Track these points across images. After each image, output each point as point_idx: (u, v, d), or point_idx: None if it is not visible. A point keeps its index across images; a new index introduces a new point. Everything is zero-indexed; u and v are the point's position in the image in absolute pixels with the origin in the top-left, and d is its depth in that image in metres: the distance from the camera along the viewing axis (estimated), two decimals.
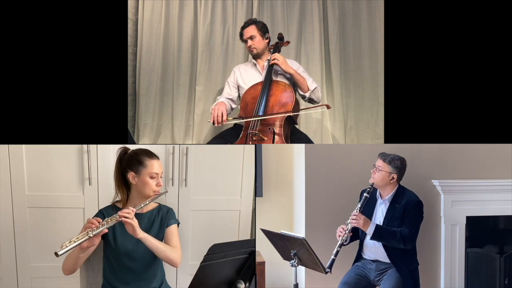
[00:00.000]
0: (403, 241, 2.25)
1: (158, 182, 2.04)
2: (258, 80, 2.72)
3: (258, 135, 2.50)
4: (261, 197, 2.89)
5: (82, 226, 2.47)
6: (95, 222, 1.83)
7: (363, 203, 2.32)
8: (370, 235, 2.26)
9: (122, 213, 1.87)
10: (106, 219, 1.87)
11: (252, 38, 2.73)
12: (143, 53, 3.29)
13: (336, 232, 2.28)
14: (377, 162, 2.37)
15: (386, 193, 2.39)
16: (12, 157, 2.49)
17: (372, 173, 2.38)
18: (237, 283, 1.93)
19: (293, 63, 2.79)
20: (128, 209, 1.89)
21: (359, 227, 2.26)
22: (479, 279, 2.77)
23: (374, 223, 2.29)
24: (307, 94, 2.69)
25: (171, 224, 2.10)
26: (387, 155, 2.37)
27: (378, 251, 2.36)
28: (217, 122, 2.55)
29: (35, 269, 2.59)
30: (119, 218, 1.87)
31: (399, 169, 2.36)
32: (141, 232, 1.91)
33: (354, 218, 2.25)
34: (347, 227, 2.26)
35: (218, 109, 2.58)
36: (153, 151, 2.10)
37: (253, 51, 2.76)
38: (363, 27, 3.26)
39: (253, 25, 2.75)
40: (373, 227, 2.25)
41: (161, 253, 1.97)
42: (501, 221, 2.88)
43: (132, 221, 1.87)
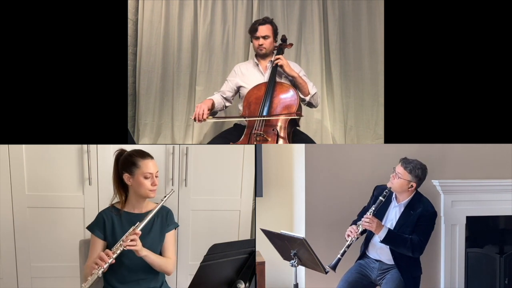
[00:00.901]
0: (412, 249, 2.23)
1: (153, 181, 2.03)
2: (259, 80, 2.71)
3: (262, 135, 2.49)
4: (261, 197, 2.89)
5: (82, 226, 2.47)
6: (105, 259, 1.85)
7: (377, 207, 2.27)
8: (381, 239, 2.23)
9: (127, 243, 1.90)
10: (113, 250, 1.89)
11: (266, 38, 2.69)
12: (143, 53, 3.29)
13: (346, 232, 2.25)
14: (397, 168, 2.31)
15: (402, 198, 2.35)
16: (12, 157, 2.49)
17: (392, 178, 2.32)
18: (237, 283, 1.93)
19: (295, 66, 2.78)
20: (133, 235, 1.91)
21: (371, 230, 2.23)
22: (479, 279, 2.77)
23: (386, 227, 2.24)
24: (307, 98, 2.69)
25: (170, 230, 2.12)
26: (409, 162, 2.30)
27: (383, 253, 2.35)
28: (198, 119, 2.52)
29: (35, 269, 2.59)
30: (126, 248, 1.90)
31: (419, 178, 2.30)
32: (144, 251, 1.95)
33: (367, 221, 2.20)
34: (358, 228, 2.23)
35: (201, 106, 2.54)
36: (153, 151, 2.10)
37: (262, 50, 2.72)
38: (363, 27, 3.26)
39: (270, 25, 2.70)
40: (385, 232, 2.21)
41: (157, 267, 2.04)
42: (501, 221, 2.88)
43: (136, 246, 1.91)
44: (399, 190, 2.32)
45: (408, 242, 2.22)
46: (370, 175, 2.62)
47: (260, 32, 2.70)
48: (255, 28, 2.71)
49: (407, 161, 2.31)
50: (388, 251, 2.32)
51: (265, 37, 2.70)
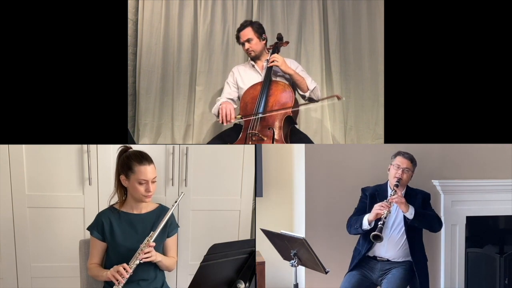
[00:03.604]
0: (438, 222, 2.37)
1: (148, 188, 1.99)
2: (257, 80, 2.72)
3: (257, 135, 2.50)
4: (261, 197, 2.89)
5: (82, 226, 2.47)
6: (124, 274, 1.89)
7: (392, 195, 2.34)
8: (412, 216, 2.29)
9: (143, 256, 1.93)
10: (130, 265, 1.92)
11: (249, 41, 2.70)
12: (143, 53, 3.29)
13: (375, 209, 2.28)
14: (404, 163, 2.39)
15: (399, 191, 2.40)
16: (12, 157, 2.49)
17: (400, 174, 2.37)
18: (237, 283, 1.93)
19: (292, 63, 2.78)
20: (148, 248, 1.94)
21: (401, 205, 2.29)
22: (479, 279, 2.77)
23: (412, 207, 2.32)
24: (306, 93, 2.69)
25: (173, 235, 2.13)
26: (407, 153, 2.41)
27: (391, 249, 2.39)
28: (226, 121, 2.54)
29: (35, 269, 2.59)
30: (142, 261, 1.94)
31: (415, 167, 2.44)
32: (158, 256, 1.99)
33: (397, 198, 2.29)
34: (388, 203, 2.28)
35: (227, 107, 2.56)
36: (153, 151, 2.10)
37: (251, 53, 2.74)
38: (363, 27, 3.26)
39: (249, 27, 2.71)
40: (413, 209, 2.30)
41: (164, 267, 2.11)
42: (501, 221, 2.88)
43: (152, 257, 1.96)
44: (407, 182, 2.43)
45: (434, 216, 2.36)
46: (370, 175, 2.62)
47: (242, 37, 2.73)
48: (237, 36, 2.76)
49: (405, 153, 2.42)
50: (398, 245, 2.37)
51: (248, 41, 2.71)
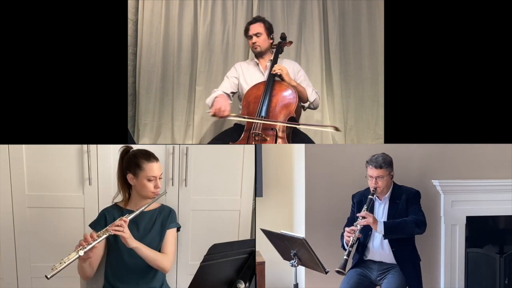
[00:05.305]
0: (416, 226, 2.28)
1: (156, 184, 2.03)
2: (260, 80, 2.71)
3: (261, 135, 2.49)
4: (261, 197, 2.89)
5: (82, 226, 2.48)
6: (88, 239, 1.83)
7: (369, 205, 2.31)
8: (382, 233, 2.26)
9: (114, 226, 1.88)
10: (99, 233, 1.87)
11: (258, 36, 2.70)
12: (143, 53, 3.29)
13: (344, 235, 2.28)
14: (374, 173, 2.33)
15: (383, 194, 2.40)
16: (12, 157, 2.49)
17: (374, 183, 2.34)
18: (237, 283, 1.93)
19: (295, 65, 2.78)
20: (120, 221, 1.90)
21: (370, 224, 2.26)
22: (479, 279, 2.77)
23: (381, 221, 2.29)
24: (306, 104, 2.69)
25: (171, 228, 2.11)
26: (376, 160, 2.34)
27: (383, 254, 2.37)
28: (219, 115, 2.49)
29: (35, 269, 2.59)
30: (112, 232, 1.87)
31: (391, 164, 2.37)
32: (133, 241, 1.93)
33: (364, 216, 2.25)
34: (356, 227, 2.25)
35: (222, 102, 2.51)
36: (153, 151, 2.10)
37: (256, 48, 2.73)
38: (363, 27, 3.26)
39: (261, 23, 2.71)
40: (382, 224, 2.26)
41: (152, 262, 1.99)
42: (501, 221, 2.87)
43: (123, 233, 1.88)
44: (386, 187, 2.38)
45: (407, 222, 2.28)
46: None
47: (251, 30, 2.71)
48: (247, 28, 2.75)
49: (374, 160, 2.35)
50: (388, 250, 2.34)
51: (257, 35, 2.70)
